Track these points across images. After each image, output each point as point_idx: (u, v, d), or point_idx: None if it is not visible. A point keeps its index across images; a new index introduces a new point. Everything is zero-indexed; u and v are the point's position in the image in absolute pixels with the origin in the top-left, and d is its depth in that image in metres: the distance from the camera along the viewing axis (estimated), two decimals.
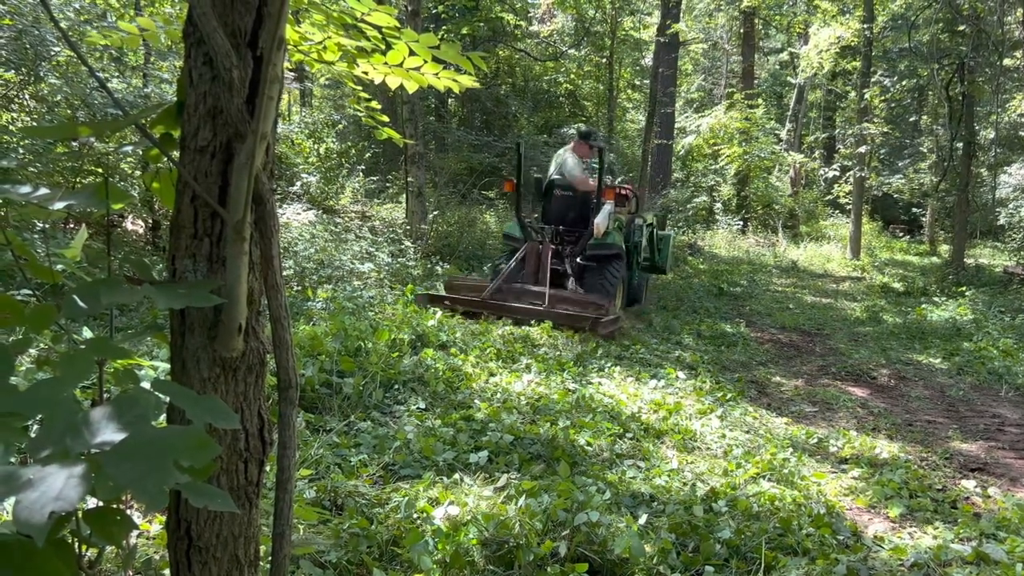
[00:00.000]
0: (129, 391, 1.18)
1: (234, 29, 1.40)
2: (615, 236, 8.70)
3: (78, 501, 0.96)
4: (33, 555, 1.07)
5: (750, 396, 6.31)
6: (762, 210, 22.31)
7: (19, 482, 0.99)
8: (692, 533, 3.44)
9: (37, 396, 1.18)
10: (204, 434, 1.10)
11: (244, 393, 1.52)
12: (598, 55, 21.32)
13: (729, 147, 21.43)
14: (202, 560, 1.52)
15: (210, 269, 1.46)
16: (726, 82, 26.82)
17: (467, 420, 4.75)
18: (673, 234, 11.51)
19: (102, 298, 1.24)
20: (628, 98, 24.65)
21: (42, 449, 1.08)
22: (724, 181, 22.53)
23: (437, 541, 2.88)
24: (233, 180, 1.39)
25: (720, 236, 19.41)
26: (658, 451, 4.64)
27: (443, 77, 2.74)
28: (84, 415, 1.11)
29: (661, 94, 16.48)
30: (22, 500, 0.96)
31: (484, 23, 18.27)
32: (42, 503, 0.96)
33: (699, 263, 15.21)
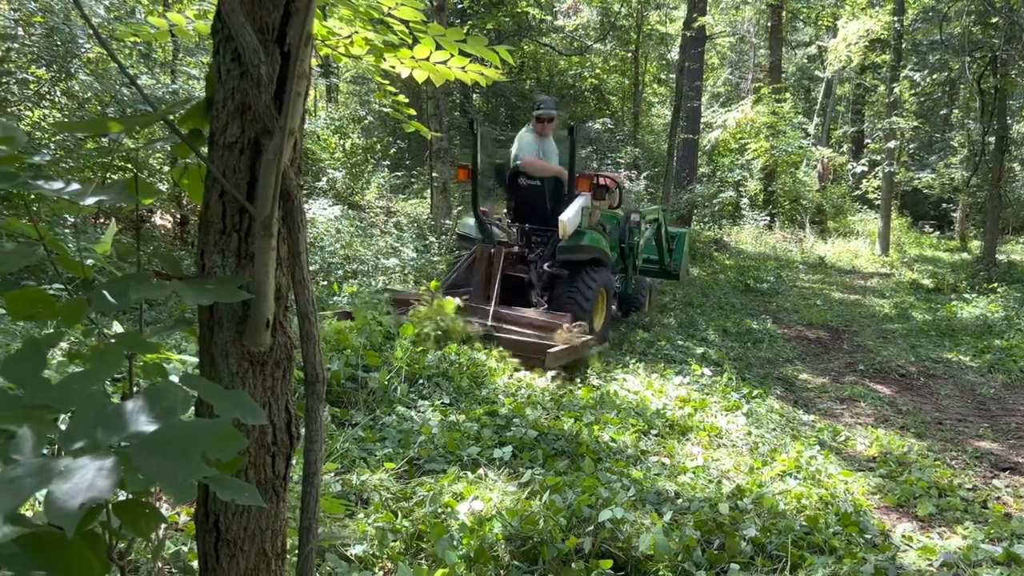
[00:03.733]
0: (158, 385, 1.19)
1: (262, 25, 1.41)
2: (593, 236, 7.08)
3: (108, 492, 0.97)
4: (64, 546, 1.09)
5: (776, 393, 6.25)
6: (789, 205, 22.08)
7: (51, 473, 1.00)
8: (717, 530, 3.42)
9: (68, 389, 1.19)
10: (231, 427, 1.10)
11: (272, 388, 1.53)
12: (623, 49, 21.20)
13: (756, 142, 21.22)
14: (230, 553, 1.53)
15: (238, 265, 1.47)
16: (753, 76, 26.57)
17: (491, 415, 4.76)
18: (688, 231, 10.05)
19: (132, 293, 1.26)
20: (654, 92, 24.49)
21: (74, 441, 1.10)
22: (751, 176, 22.33)
23: (462, 536, 2.88)
24: (261, 176, 1.39)
25: (746, 231, 19.24)
26: (683, 448, 4.62)
27: (470, 71, 2.74)
28: (115, 408, 1.12)
29: (687, 88, 16.34)
30: (54, 491, 0.97)
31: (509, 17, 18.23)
32: (73, 494, 0.97)
33: (725, 259, 15.09)
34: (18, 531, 1.12)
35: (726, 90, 28.83)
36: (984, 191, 17.08)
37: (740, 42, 28.40)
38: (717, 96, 27.90)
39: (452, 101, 18.26)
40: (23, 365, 1.21)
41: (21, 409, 1.14)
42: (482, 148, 7.71)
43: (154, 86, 8.38)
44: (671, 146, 15.71)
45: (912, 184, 23.04)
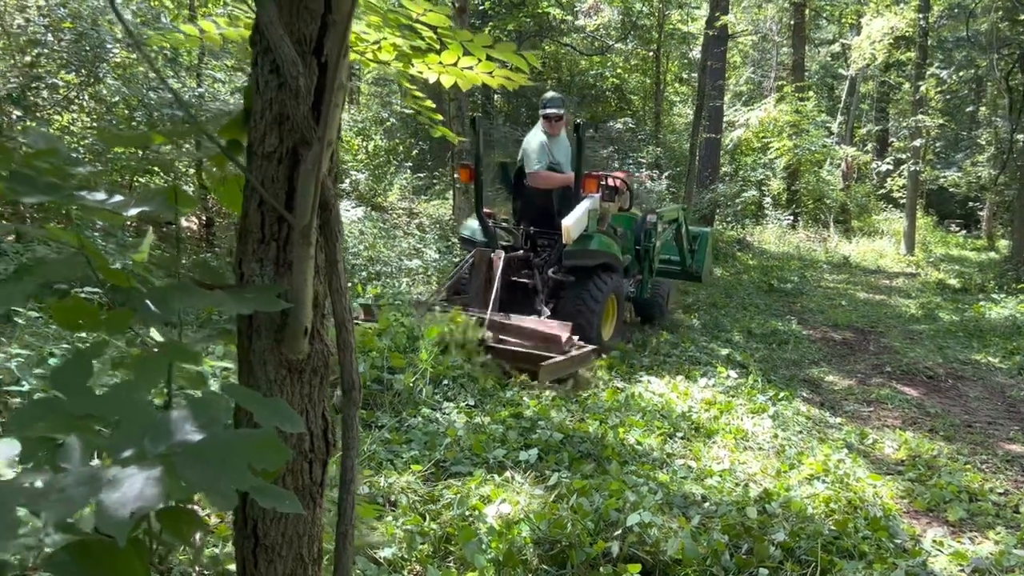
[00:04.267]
0: (203, 395, 1.20)
1: (300, 37, 1.42)
2: (602, 240, 6.68)
3: (158, 502, 0.99)
4: (112, 554, 1.11)
5: (802, 395, 6.21)
6: (813, 205, 21.89)
7: (100, 483, 1.02)
8: (745, 535, 3.40)
9: (114, 399, 1.21)
10: (276, 438, 1.12)
11: (309, 395, 1.55)
12: (645, 49, 21.12)
13: (779, 140, 21.05)
14: (268, 559, 1.55)
15: (276, 273, 1.48)
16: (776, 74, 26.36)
17: (516, 417, 4.77)
18: (711, 231, 9.66)
19: (175, 303, 1.28)
20: (675, 92, 24.37)
21: (121, 450, 1.12)
22: (774, 175, 22.16)
23: (490, 539, 2.89)
24: (300, 186, 1.41)
25: (769, 231, 19.10)
26: (709, 451, 4.60)
27: (497, 75, 2.75)
28: (161, 418, 1.14)
29: (710, 87, 16.25)
30: (104, 501, 0.99)
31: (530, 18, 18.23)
32: (123, 503, 0.98)
33: (748, 259, 15.00)
34: (67, 539, 1.15)
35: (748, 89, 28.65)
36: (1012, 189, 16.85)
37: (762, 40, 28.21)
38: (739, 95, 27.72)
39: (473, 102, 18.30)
40: (70, 375, 1.24)
41: (68, 418, 1.16)
42: (485, 147, 7.33)
43: (180, 90, 8.46)
44: (693, 145, 15.64)
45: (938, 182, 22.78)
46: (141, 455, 1.09)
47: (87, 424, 1.17)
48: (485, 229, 6.94)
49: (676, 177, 18.96)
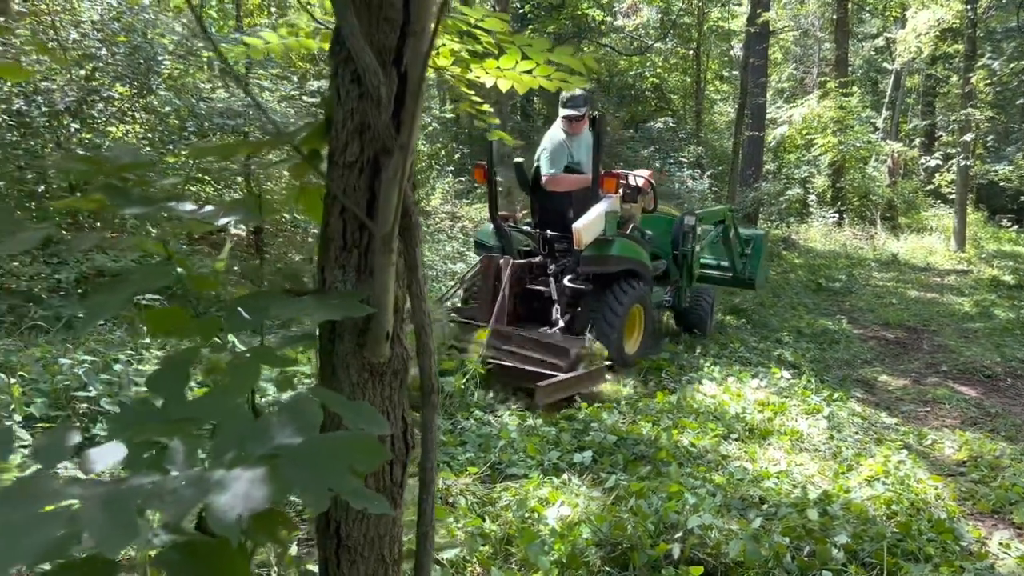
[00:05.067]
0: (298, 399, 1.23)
1: (380, 47, 1.45)
2: (624, 244, 6.18)
3: (265, 503, 1.02)
4: (218, 553, 1.14)
5: (856, 396, 6.11)
6: (858, 202, 21.52)
7: (208, 485, 1.05)
8: (807, 537, 3.36)
9: (211, 403, 1.25)
10: (375, 439, 1.14)
11: (390, 397, 1.57)
12: (685, 47, 20.99)
13: (823, 137, 20.75)
14: (351, 559, 1.58)
15: (358, 279, 1.51)
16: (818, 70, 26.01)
17: (568, 420, 4.78)
18: (764, 233, 9.00)
19: (271, 310, 1.31)
20: (716, 90, 24.17)
21: (223, 453, 1.15)
22: (818, 172, 21.85)
23: (553, 541, 2.90)
24: (382, 194, 1.43)
25: (815, 229, 18.83)
26: (765, 452, 4.56)
27: (554, 78, 2.77)
28: (260, 421, 1.17)
29: (752, 85, 16.10)
30: (213, 502, 1.02)
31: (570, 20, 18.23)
32: (232, 505, 1.01)
33: (794, 258, 14.81)
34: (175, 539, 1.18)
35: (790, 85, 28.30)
36: None
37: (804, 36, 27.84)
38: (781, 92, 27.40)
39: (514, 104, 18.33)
40: (167, 381, 1.28)
41: (169, 423, 1.20)
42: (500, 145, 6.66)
43: (229, 100, 8.63)
44: (736, 144, 15.50)
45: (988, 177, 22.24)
46: (243, 458, 1.12)
47: (187, 428, 1.20)
48: (500, 233, 6.53)
49: (718, 176, 18.80)
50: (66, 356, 4.41)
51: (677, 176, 17.68)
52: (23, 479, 1.04)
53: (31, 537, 0.91)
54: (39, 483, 1.05)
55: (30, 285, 6.33)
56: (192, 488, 1.05)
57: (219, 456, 1.15)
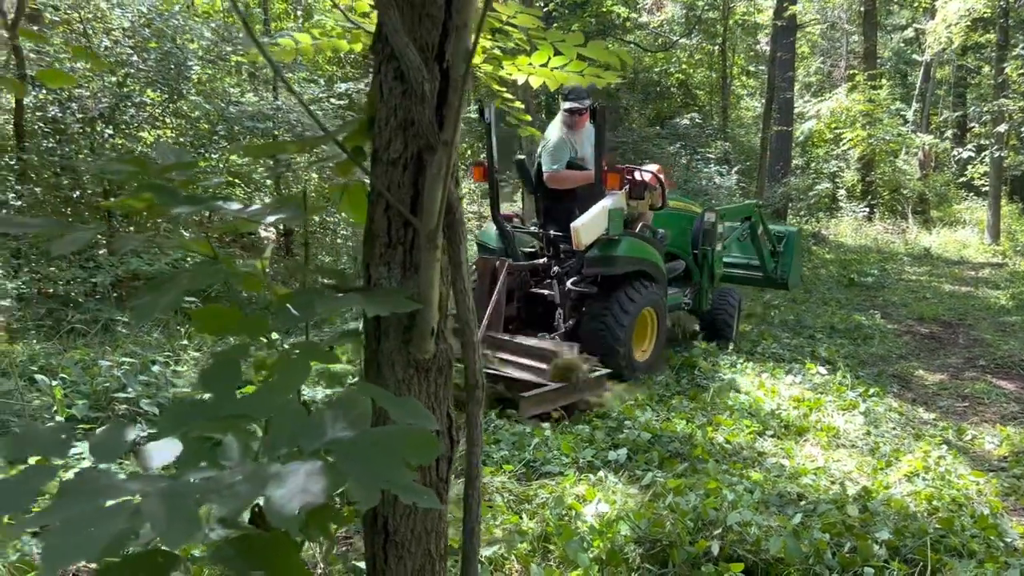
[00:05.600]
0: (349, 395, 1.24)
1: (422, 44, 1.45)
2: (631, 244, 5.82)
3: (322, 497, 1.02)
4: (273, 547, 1.15)
5: (893, 391, 6.03)
6: (889, 195, 21.25)
7: (265, 479, 1.06)
8: (847, 533, 3.32)
9: (263, 399, 1.26)
10: (429, 433, 1.15)
11: (435, 393, 1.58)
12: (710, 43, 20.83)
13: (852, 131, 20.50)
14: (398, 555, 1.58)
15: (403, 276, 1.52)
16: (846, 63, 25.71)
17: (601, 418, 4.77)
18: (797, 230, 8.62)
19: (318, 307, 1.32)
20: (742, 85, 23.97)
21: (277, 448, 1.16)
22: (847, 166, 21.60)
23: (592, 538, 2.89)
24: (426, 190, 1.44)
25: (845, 224, 18.62)
26: (801, 449, 4.52)
27: (587, 74, 2.76)
28: (312, 416, 1.18)
29: (779, 79, 15.95)
30: (272, 496, 1.02)
31: (594, 18, 18.17)
32: (289, 498, 1.02)
33: (825, 253, 14.65)
34: (230, 533, 1.19)
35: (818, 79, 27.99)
36: None
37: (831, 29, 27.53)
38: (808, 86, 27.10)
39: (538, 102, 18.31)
40: (218, 378, 1.29)
41: (223, 419, 1.21)
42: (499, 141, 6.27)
43: (258, 103, 8.71)
44: (764, 139, 15.36)
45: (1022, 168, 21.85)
46: (298, 452, 1.13)
47: (240, 424, 1.21)
48: (502, 234, 6.13)
49: (746, 172, 18.64)
50: (105, 358, 4.48)
51: (704, 172, 17.55)
52: (82, 474, 1.05)
53: (94, 531, 0.92)
54: (98, 478, 1.07)
55: (67, 289, 6.43)
56: (249, 483, 1.05)
57: (273, 451, 1.15)
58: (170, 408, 1.22)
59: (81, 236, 1.36)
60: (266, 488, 1.04)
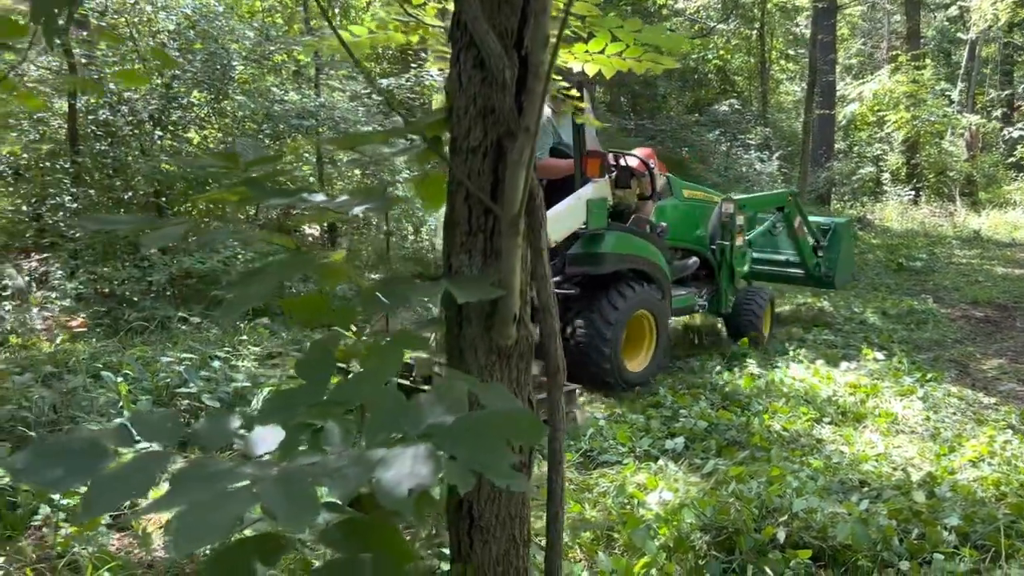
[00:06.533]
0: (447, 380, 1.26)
1: (501, 31, 1.46)
2: (620, 238, 5.21)
3: (431, 479, 1.04)
4: (379, 531, 1.17)
5: (951, 376, 5.91)
6: (935, 178, 20.80)
7: (371, 463, 1.07)
8: (914, 519, 3.27)
9: (359, 386, 1.28)
10: (534, 416, 1.15)
11: (516, 379, 1.59)
12: (748, 27, 20.56)
13: (895, 113, 20.10)
14: (483, 539, 1.60)
15: (484, 263, 1.53)
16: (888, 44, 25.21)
17: (655, 407, 4.75)
18: (847, 221, 7.80)
19: (410, 295, 1.33)
20: (782, 69, 23.63)
21: (378, 433, 1.18)
22: (891, 149, 21.18)
23: (657, 526, 2.89)
24: (508, 177, 1.44)
25: (890, 208, 18.26)
26: (861, 435, 4.45)
27: (644, 60, 2.74)
28: (412, 401, 1.19)
29: (821, 62, 15.70)
30: (381, 479, 1.04)
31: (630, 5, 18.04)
32: (398, 481, 1.03)
33: (871, 237, 14.40)
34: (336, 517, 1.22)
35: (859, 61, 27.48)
36: None
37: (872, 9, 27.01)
38: (849, 68, 26.63)
39: None
40: (314, 366, 1.31)
41: (323, 406, 1.23)
42: None
43: (302, 101, 8.80)
44: (806, 123, 15.13)
45: None
46: (400, 437, 1.14)
47: (338, 410, 1.23)
48: None
49: (787, 158, 18.40)
50: (165, 355, 4.57)
51: (744, 159, 17.36)
52: (196, 460, 1.08)
53: (217, 515, 0.94)
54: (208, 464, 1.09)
55: (123, 289, 6.57)
56: (357, 466, 1.07)
57: (374, 436, 1.17)
58: (271, 397, 1.25)
59: (173, 231, 1.39)
60: (375, 471, 1.05)
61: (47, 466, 1.08)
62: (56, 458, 1.10)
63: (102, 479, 1.05)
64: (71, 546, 2.86)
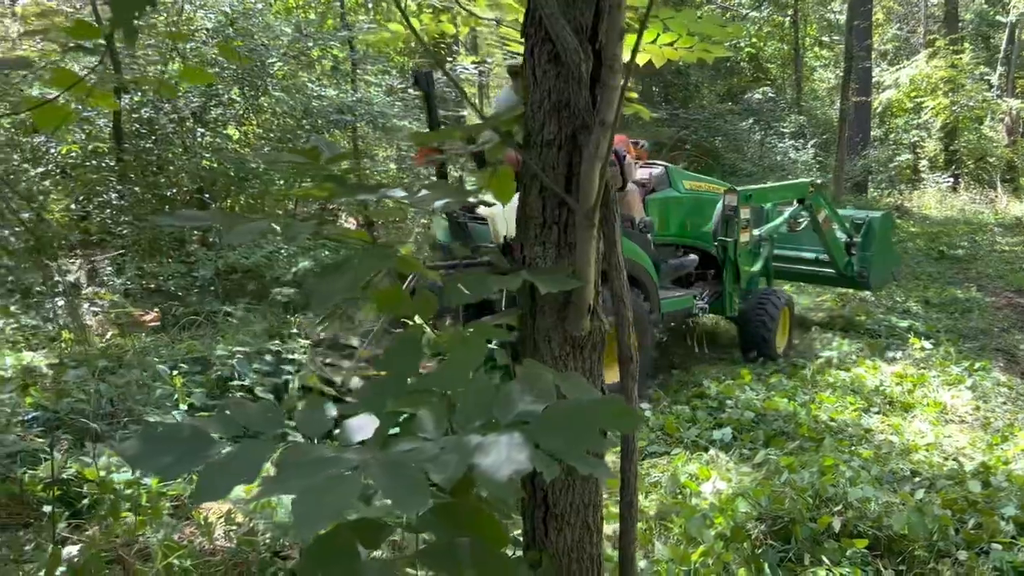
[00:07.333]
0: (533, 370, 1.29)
1: (576, 26, 1.48)
2: None
3: (528, 465, 1.06)
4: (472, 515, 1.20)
5: (999, 365, 5.83)
6: (975, 164, 20.43)
7: (468, 449, 1.11)
8: (970, 509, 3.25)
9: (447, 376, 1.31)
10: (625, 404, 1.18)
11: (589, 369, 1.61)
12: (781, 14, 20.31)
13: (933, 99, 19.76)
14: (558, 527, 1.63)
15: (558, 255, 1.55)
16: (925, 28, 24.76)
17: (700, 398, 4.75)
18: (883, 215, 7.02)
19: (491, 285, 1.36)
20: (816, 56, 23.33)
21: (470, 421, 1.21)
22: (929, 136, 20.83)
23: (713, 515, 2.90)
24: (584, 170, 1.46)
25: (929, 195, 17.97)
26: (910, 425, 4.42)
27: (696, 49, 2.74)
28: (502, 389, 1.22)
29: (857, 48, 15.46)
30: (480, 465, 1.07)
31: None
32: (498, 467, 1.06)
33: (910, 225, 14.19)
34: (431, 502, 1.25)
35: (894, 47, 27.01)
36: None
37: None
38: (884, 54, 26.19)
39: None
40: (402, 356, 1.35)
41: (415, 395, 1.27)
42: None
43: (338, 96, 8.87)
44: (843, 110, 14.92)
45: None
46: (493, 424, 1.17)
47: (427, 399, 1.27)
48: (456, 229, 4.59)
49: (823, 146, 18.17)
50: (218, 348, 4.66)
51: (779, 148, 17.18)
52: (298, 446, 1.12)
53: (332, 498, 0.98)
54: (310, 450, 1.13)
55: (168, 285, 6.69)
56: (454, 453, 1.10)
57: (467, 424, 1.20)
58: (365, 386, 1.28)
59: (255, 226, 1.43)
60: (473, 457, 1.09)
61: (158, 453, 1.13)
62: (165, 446, 1.15)
63: (213, 466, 1.09)
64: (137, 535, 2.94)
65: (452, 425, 1.24)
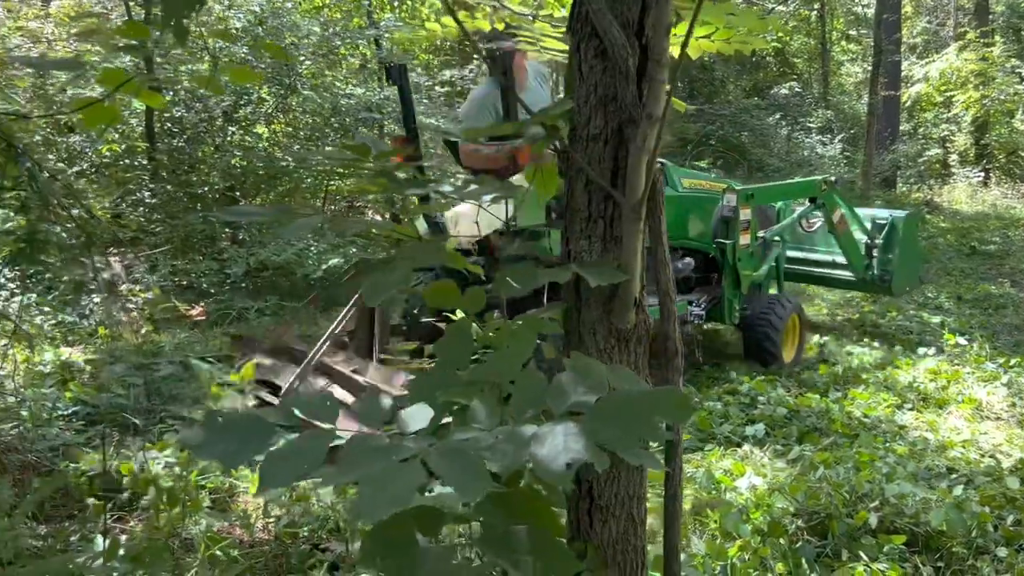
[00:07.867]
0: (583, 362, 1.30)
1: (623, 21, 1.49)
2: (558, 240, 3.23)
3: (584, 454, 1.08)
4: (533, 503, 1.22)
5: None
6: (1006, 158, 20.12)
7: (524, 439, 1.12)
8: (1008, 506, 3.22)
9: (500, 366, 1.33)
10: (683, 394, 1.19)
11: (634, 363, 1.62)
12: (807, 8, 20.14)
13: (963, 92, 19.49)
14: (603, 519, 1.64)
15: (604, 249, 1.57)
16: (955, 21, 24.41)
17: (732, 394, 4.74)
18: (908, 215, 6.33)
19: (540, 278, 1.38)
20: (843, 50, 23.10)
21: (524, 411, 1.23)
22: (959, 130, 20.55)
23: (749, 511, 2.90)
24: (631, 164, 1.47)
25: (959, 190, 17.74)
26: (945, 421, 4.38)
27: (733, 41, 2.73)
28: (555, 381, 1.24)
29: (886, 42, 15.29)
30: (537, 454, 1.09)
31: None
32: (554, 456, 1.08)
33: (940, 220, 14.02)
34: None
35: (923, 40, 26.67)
36: None
37: None
38: (913, 48, 25.87)
39: None
40: (454, 348, 1.37)
41: (468, 385, 1.29)
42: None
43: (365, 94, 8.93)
44: (872, 104, 14.76)
45: None
46: (548, 414, 1.19)
47: (479, 390, 1.28)
48: (433, 227, 4.21)
49: (850, 141, 18.00)
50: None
51: (806, 143, 17.04)
52: (358, 436, 1.14)
53: (395, 485, 1.00)
54: (369, 440, 1.16)
55: (202, 281, 6.78)
56: (511, 443, 1.12)
57: (520, 414, 1.22)
58: (419, 377, 1.31)
59: (309, 222, 1.45)
60: (530, 447, 1.10)
61: (221, 442, 1.16)
62: (227, 434, 1.17)
63: (275, 455, 1.12)
64: (177, 527, 2.99)
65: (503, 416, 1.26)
